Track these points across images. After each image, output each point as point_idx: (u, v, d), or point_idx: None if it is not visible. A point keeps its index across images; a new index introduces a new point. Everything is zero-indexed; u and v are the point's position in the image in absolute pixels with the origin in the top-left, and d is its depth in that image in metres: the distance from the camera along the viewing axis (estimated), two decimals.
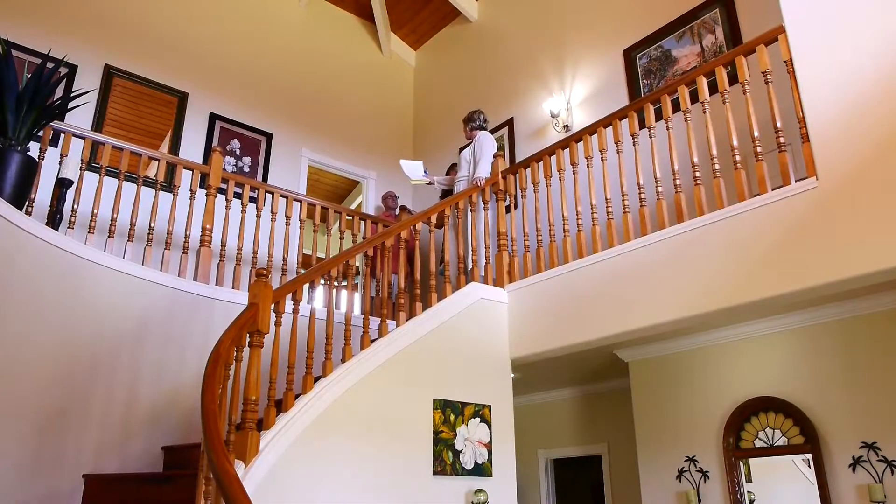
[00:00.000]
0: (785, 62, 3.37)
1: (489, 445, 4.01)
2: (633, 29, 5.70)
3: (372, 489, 3.44)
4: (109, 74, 5.87)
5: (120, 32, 6.08)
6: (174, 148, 6.07)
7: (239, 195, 5.70)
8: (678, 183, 3.73)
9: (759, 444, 4.78)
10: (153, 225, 4.42)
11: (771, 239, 3.20)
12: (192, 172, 4.73)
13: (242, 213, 4.81)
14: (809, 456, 4.49)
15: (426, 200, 7.23)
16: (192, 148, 6.21)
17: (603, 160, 4.16)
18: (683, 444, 5.19)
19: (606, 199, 4.10)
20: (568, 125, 6.02)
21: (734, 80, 3.79)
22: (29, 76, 3.97)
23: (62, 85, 5.39)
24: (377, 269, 5.31)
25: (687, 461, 5.14)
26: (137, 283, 4.13)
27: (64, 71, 5.41)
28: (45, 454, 3.55)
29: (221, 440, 2.34)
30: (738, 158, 3.48)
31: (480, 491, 3.80)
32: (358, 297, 6.32)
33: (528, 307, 4.35)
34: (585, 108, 5.96)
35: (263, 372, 3.77)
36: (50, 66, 4.36)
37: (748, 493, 4.79)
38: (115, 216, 4.29)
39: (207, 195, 4.68)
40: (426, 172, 5.67)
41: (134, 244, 4.30)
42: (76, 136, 4.30)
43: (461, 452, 3.86)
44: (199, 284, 4.42)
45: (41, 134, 4.21)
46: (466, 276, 4.66)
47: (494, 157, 4.96)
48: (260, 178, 6.61)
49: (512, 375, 4.36)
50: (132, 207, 4.43)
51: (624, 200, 3.96)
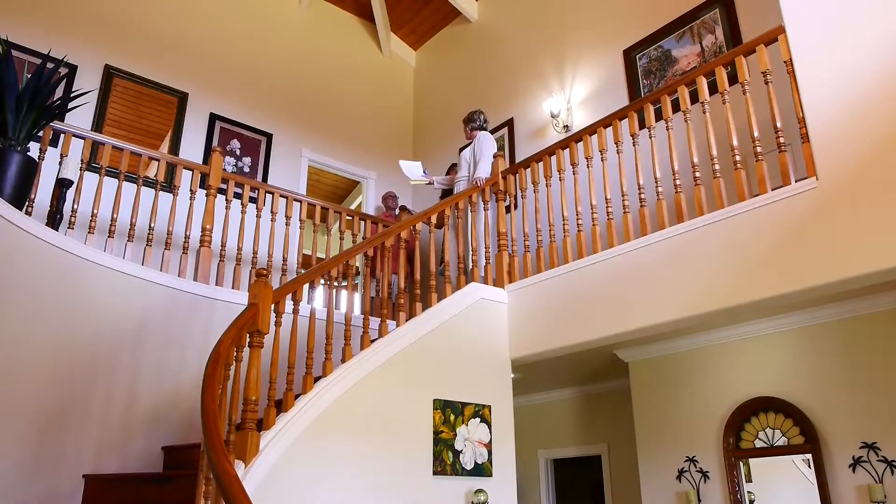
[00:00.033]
0: (785, 62, 3.37)
1: (489, 445, 4.00)
2: (633, 29, 5.70)
3: (372, 489, 3.44)
4: (109, 74, 5.87)
5: (120, 32, 6.08)
6: (174, 148, 6.07)
7: (239, 195, 5.71)
8: (678, 183, 3.73)
9: (759, 444, 4.78)
10: (153, 225, 4.42)
11: (771, 239, 3.20)
12: (192, 172, 4.73)
13: (242, 213, 4.81)
14: (809, 456, 4.49)
15: (426, 200, 7.23)
16: (192, 148, 6.21)
17: (603, 160, 4.15)
18: (683, 444, 5.19)
19: (606, 199, 4.10)
20: (568, 125, 6.02)
21: (734, 80, 3.80)
22: (29, 76, 3.97)
23: (62, 85, 5.39)
24: (377, 269, 5.30)
25: (687, 461, 5.14)
26: (137, 283, 4.13)
27: (64, 71, 5.41)
28: (45, 454, 3.55)
29: (221, 440, 2.34)
30: (738, 158, 3.48)
31: (480, 491, 3.80)
32: (358, 297, 6.32)
33: (528, 307, 4.35)
34: (585, 108, 5.96)
35: (263, 372, 3.78)
36: (50, 66, 4.36)
37: (748, 493, 4.79)
38: (115, 216, 4.30)
39: (207, 195, 4.68)
40: (425, 172, 5.67)
41: (134, 244, 4.31)
42: (76, 136, 4.30)
43: (461, 452, 3.86)
44: (199, 284, 4.42)
45: (41, 134, 4.21)
46: (466, 276, 4.66)
47: (494, 157, 4.96)
48: (260, 178, 6.61)
49: (512, 375, 4.36)
50: (132, 207, 4.43)
51: (624, 200, 3.96)
